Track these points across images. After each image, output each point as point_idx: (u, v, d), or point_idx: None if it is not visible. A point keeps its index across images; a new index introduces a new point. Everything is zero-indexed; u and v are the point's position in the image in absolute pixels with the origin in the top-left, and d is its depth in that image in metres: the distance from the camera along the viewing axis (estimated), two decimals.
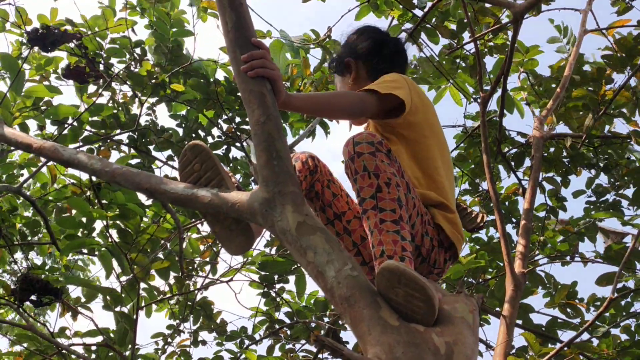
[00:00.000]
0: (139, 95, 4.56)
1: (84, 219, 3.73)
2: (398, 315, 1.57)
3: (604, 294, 4.47)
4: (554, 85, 4.61)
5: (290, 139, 5.05)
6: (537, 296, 4.51)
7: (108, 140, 4.64)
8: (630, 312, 4.23)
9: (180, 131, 4.91)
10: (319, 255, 1.64)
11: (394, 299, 1.57)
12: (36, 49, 4.25)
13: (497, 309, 4.21)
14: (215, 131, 5.00)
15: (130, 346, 3.82)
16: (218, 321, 4.91)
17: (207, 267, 4.92)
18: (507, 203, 4.94)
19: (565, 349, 3.33)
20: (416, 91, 2.18)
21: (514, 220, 4.95)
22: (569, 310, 4.39)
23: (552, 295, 4.43)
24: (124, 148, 4.81)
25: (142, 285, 4.29)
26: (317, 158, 2.12)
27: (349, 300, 1.57)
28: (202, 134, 5.00)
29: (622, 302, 4.33)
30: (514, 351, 4.05)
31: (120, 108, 4.70)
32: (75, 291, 4.55)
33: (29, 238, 4.27)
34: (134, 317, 3.74)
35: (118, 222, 3.76)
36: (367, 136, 1.84)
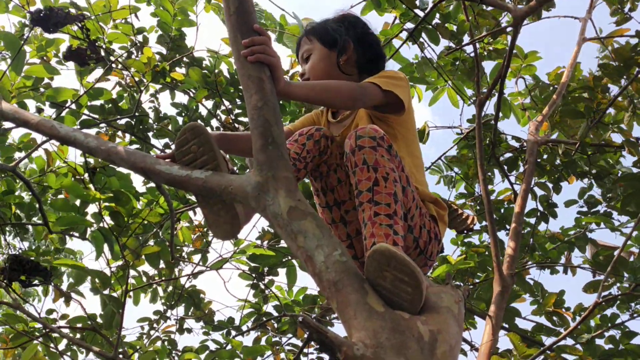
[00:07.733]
0: (143, 80, 4.56)
1: (77, 202, 3.74)
2: (384, 301, 1.57)
3: (590, 303, 4.49)
4: (551, 89, 4.64)
5: None
6: (524, 304, 4.53)
7: (106, 127, 4.64)
8: (615, 323, 4.25)
9: (180, 120, 4.91)
10: (309, 239, 1.65)
11: (382, 284, 1.58)
12: (39, 30, 4.25)
13: (484, 310, 4.23)
14: (214, 122, 5.01)
15: (117, 330, 3.82)
16: (206, 311, 4.92)
17: (197, 257, 4.93)
18: (502, 210, 4.95)
19: (548, 352, 3.36)
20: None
21: (507, 227, 4.94)
22: (554, 318, 4.42)
23: (540, 303, 4.45)
24: (122, 134, 4.81)
25: (132, 272, 4.29)
26: (331, 139, 2.09)
27: (336, 284, 1.58)
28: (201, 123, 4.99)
29: (608, 314, 4.35)
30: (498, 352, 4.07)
31: (126, 94, 4.70)
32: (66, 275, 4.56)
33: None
34: (122, 300, 3.75)
35: (111, 205, 3.76)
36: (369, 130, 1.84)
